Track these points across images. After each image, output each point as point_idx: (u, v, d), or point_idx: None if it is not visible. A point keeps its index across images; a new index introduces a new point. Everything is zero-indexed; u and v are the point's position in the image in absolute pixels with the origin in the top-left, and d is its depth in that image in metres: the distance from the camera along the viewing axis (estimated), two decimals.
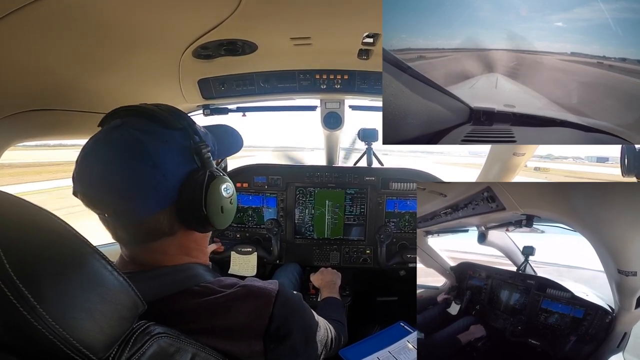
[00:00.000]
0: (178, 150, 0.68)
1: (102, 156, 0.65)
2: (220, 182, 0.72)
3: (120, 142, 0.65)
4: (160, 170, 0.65)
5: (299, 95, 1.70)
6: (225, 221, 0.76)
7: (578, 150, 12.65)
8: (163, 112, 0.69)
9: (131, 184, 0.64)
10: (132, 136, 0.65)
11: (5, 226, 0.44)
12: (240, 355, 0.67)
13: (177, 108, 0.74)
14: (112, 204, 0.66)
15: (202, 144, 0.71)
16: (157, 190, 0.65)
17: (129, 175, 0.64)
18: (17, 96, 0.94)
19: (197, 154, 0.70)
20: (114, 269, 0.51)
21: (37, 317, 0.42)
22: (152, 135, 0.66)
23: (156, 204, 0.67)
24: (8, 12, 0.68)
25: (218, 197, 0.71)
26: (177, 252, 0.74)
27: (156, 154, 0.65)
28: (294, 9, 0.96)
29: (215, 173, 0.72)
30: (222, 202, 0.73)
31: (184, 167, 0.69)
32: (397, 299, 2.09)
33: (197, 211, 0.69)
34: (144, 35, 0.97)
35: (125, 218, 0.67)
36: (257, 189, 1.90)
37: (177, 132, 0.69)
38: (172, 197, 0.68)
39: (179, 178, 0.68)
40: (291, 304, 0.76)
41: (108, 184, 0.64)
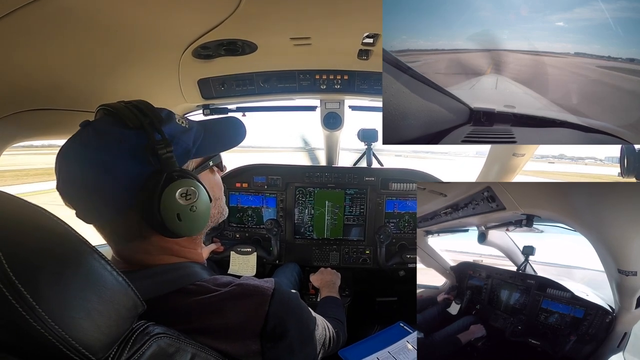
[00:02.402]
0: (132, 151, 0.64)
1: (66, 157, 0.66)
2: (176, 187, 0.64)
3: (80, 144, 0.65)
4: (112, 174, 0.63)
5: (299, 96, 1.70)
6: (188, 229, 0.68)
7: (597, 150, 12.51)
8: (127, 110, 0.66)
9: (84, 187, 0.64)
10: (90, 137, 0.65)
11: (4, 226, 0.44)
12: (237, 355, 0.66)
13: (149, 104, 0.70)
14: (73, 204, 0.66)
15: (160, 144, 0.64)
16: (106, 193, 0.64)
17: (81, 178, 0.64)
18: (17, 96, 0.94)
19: (153, 154, 0.64)
20: (113, 269, 0.51)
21: (36, 317, 0.42)
22: (108, 136, 0.64)
23: (113, 208, 0.66)
24: (8, 12, 0.68)
25: (172, 203, 0.64)
26: (160, 253, 0.72)
27: (109, 156, 0.63)
28: (294, 9, 0.96)
29: (174, 176, 0.65)
30: (179, 209, 0.65)
31: (137, 169, 0.64)
32: (396, 299, 2.09)
33: (152, 218, 0.64)
34: (144, 35, 0.97)
35: (87, 219, 0.68)
36: (256, 189, 1.90)
37: (134, 131, 0.65)
38: (128, 201, 0.64)
39: (133, 181, 0.64)
40: (288, 302, 0.75)
41: (67, 185, 0.65)
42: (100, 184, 0.64)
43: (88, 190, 0.64)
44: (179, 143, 0.69)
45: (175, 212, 0.65)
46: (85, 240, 0.50)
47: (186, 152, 0.71)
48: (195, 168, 0.75)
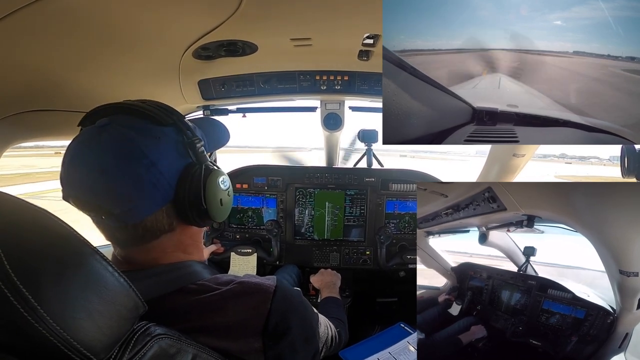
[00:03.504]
0: (172, 146, 0.68)
1: (94, 158, 0.62)
2: (217, 175, 0.73)
3: (111, 143, 0.62)
4: (158, 168, 0.64)
5: (299, 96, 1.70)
6: (224, 214, 0.77)
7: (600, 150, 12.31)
8: (151, 108, 0.68)
9: (129, 186, 0.62)
10: (123, 135, 0.63)
11: (6, 227, 0.44)
12: (239, 354, 0.65)
13: (163, 103, 0.72)
14: (109, 207, 0.63)
15: (195, 138, 0.70)
16: (156, 188, 0.64)
17: (125, 176, 0.62)
18: (19, 96, 0.94)
19: (191, 148, 0.70)
20: (115, 270, 0.51)
21: (38, 318, 0.42)
22: (144, 133, 0.64)
23: (155, 203, 0.66)
24: (10, 12, 0.68)
25: (216, 190, 0.72)
26: (174, 249, 0.73)
27: (151, 151, 0.63)
28: (295, 10, 0.96)
29: (210, 167, 0.73)
30: (221, 194, 0.74)
31: (179, 163, 0.68)
32: (397, 299, 2.09)
33: (197, 205, 0.69)
34: (144, 36, 0.97)
35: (123, 219, 0.65)
36: (257, 190, 1.89)
37: (169, 128, 0.68)
38: (170, 193, 0.67)
39: (175, 174, 0.68)
40: (290, 299, 0.74)
41: (103, 187, 0.62)
42: (144, 179, 0.63)
43: (126, 189, 0.62)
44: (200, 138, 0.73)
45: (219, 197, 0.73)
46: (86, 242, 0.49)
47: (204, 146, 0.75)
48: None
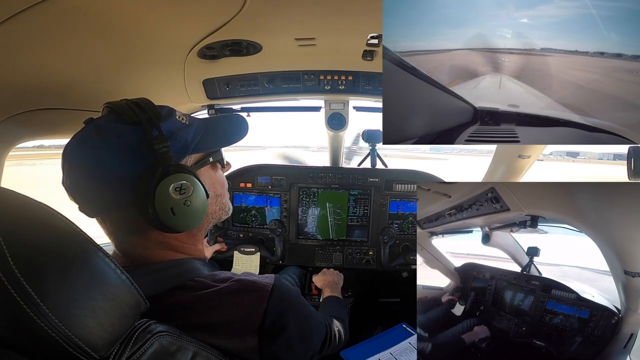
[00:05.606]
0: (129, 146, 0.66)
1: (71, 153, 0.68)
2: (170, 181, 0.66)
3: (80, 141, 0.68)
4: (110, 169, 0.66)
5: (303, 96, 1.71)
6: (183, 224, 0.69)
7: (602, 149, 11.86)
8: (126, 107, 0.68)
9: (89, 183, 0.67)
10: (90, 134, 0.67)
11: (9, 223, 0.44)
12: (235, 351, 0.66)
13: (149, 101, 0.71)
14: (81, 199, 0.69)
15: (157, 139, 0.66)
16: (110, 189, 0.66)
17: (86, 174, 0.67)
18: (25, 95, 0.95)
19: (149, 149, 0.65)
20: (117, 267, 0.51)
21: (41, 315, 0.42)
22: (107, 132, 0.67)
23: (113, 203, 0.68)
24: (16, 12, 0.69)
25: (165, 197, 0.65)
26: (159, 248, 0.73)
27: (107, 151, 0.66)
28: (299, 10, 0.97)
29: (169, 170, 0.66)
30: (172, 203, 0.66)
31: (136, 165, 0.66)
32: (399, 300, 2.08)
33: (147, 212, 0.66)
34: (149, 35, 0.98)
35: (94, 212, 0.70)
36: (260, 189, 1.90)
37: (132, 127, 0.67)
38: (127, 195, 0.66)
39: (131, 176, 0.66)
40: (287, 298, 0.74)
41: (74, 180, 0.68)
42: (99, 179, 0.66)
43: (89, 185, 0.67)
44: (176, 139, 0.71)
45: (169, 206, 0.66)
46: (90, 239, 0.50)
47: (184, 147, 0.72)
48: (195, 164, 0.76)
